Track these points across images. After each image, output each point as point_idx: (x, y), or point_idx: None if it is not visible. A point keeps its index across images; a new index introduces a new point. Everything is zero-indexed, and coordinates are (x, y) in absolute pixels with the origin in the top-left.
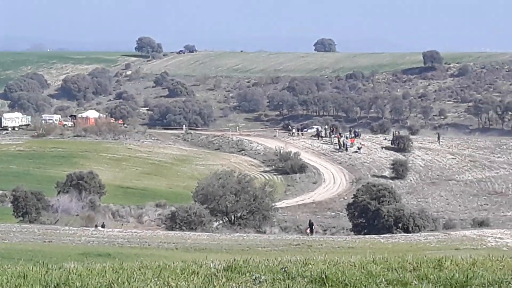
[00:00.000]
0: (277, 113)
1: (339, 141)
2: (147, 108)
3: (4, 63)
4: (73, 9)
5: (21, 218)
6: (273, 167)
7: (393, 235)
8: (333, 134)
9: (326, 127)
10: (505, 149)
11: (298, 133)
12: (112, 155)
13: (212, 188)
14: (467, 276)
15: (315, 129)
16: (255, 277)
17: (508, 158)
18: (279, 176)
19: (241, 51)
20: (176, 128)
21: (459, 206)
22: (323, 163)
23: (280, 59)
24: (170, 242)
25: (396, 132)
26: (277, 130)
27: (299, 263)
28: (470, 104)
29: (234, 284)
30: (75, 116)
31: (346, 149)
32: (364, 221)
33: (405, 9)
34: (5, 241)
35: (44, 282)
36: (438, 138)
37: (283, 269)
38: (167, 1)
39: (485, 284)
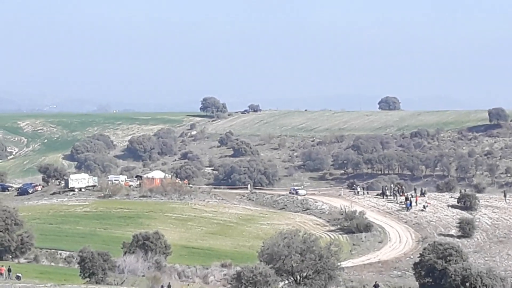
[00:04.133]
0: (342, 171)
1: (406, 199)
2: (212, 168)
3: (71, 124)
4: (138, 71)
5: (88, 279)
6: (338, 226)
7: None
8: (399, 193)
9: (392, 185)
10: None
11: (363, 192)
12: (177, 215)
13: (277, 248)
14: None
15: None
16: None
17: None
18: (345, 235)
19: (306, 110)
20: (241, 188)
21: None
22: (389, 222)
23: (345, 118)
24: None
25: (463, 190)
26: (342, 189)
27: None
28: None
29: None
30: (141, 176)
31: (408, 209)
32: (431, 280)
33: (470, 67)
34: None
35: None
36: (505, 196)
37: None
38: (231, 62)
39: None
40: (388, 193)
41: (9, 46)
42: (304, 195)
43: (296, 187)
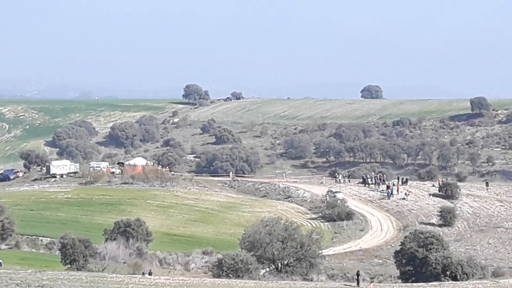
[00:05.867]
0: (324, 160)
1: (388, 188)
2: (194, 155)
3: (53, 110)
4: (120, 58)
5: (69, 266)
6: (320, 214)
7: (441, 283)
8: (381, 181)
9: (373, 173)
10: None
11: (344, 180)
12: (159, 202)
13: (259, 235)
14: None
15: None
16: None
17: None
18: (326, 223)
19: (288, 98)
20: (223, 175)
21: (508, 253)
22: (370, 210)
23: (327, 106)
24: None
25: (444, 179)
26: (324, 177)
27: None
28: None
29: None
30: (122, 163)
31: (389, 197)
32: (411, 268)
33: (452, 56)
34: None
35: None
36: (487, 185)
37: None
38: (214, 49)
39: None
40: (369, 181)
41: None
42: (342, 199)
43: (333, 190)
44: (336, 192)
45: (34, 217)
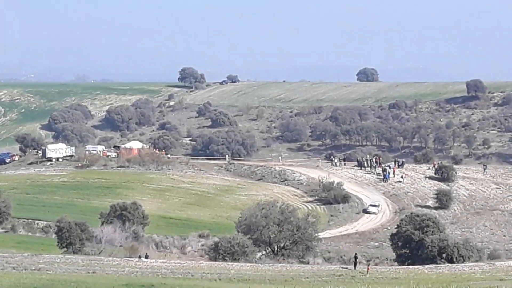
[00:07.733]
0: (320, 143)
1: (384, 170)
2: (190, 139)
3: (49, 94)
4: (116, 41)
5: (65, 249)
6: (316, 197)
7: (437, 265)
8: (377, 164)
9: (369, 156)
10: None
11: (340, 163)
12: (155, 186)
13: (255, 219)
14: None
15: None
16: None
17: None
18: (322, 206)
19: (284, 81)
20: (219, 158)
21: (504, 236)
22: (366, 193)
23: (323, 89)
24: (213, 273)
25: (440, 162)
26: (320, 160)
27: None
28: None
29: None
30: (118, 146)
31: (385, 180)
32: (408, 251)
33: (448, 39)
34: (49, 272)
35: None
36: (485, 168)
37: None
38: (210, 32)
39: None
40: (365, 164)
41: None
42: (375, 213)
43: (372, 203)
44: (373, 205)
45: (30, 200)
